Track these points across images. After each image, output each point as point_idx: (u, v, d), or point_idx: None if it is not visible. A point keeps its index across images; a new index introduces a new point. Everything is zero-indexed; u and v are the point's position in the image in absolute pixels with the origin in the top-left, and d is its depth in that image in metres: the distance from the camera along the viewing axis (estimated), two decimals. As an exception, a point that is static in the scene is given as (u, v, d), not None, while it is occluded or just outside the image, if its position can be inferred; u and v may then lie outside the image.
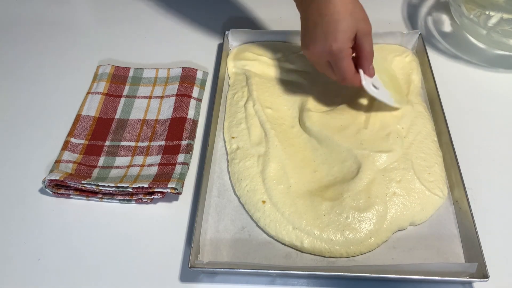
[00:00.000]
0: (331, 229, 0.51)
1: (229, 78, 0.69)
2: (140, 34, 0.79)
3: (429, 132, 0.60)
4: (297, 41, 0.72)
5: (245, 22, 0.79)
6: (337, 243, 0.50)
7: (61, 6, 0.85)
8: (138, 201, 0.56)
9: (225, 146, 0.61)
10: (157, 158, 0.59)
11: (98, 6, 0.85)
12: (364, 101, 0.64)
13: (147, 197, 0.55)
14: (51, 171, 0.57)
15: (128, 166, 0.59)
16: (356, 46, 0.55)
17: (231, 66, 0.70)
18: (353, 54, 0.56)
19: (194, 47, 0.76)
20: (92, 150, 0.61)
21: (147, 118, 0.64)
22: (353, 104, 0.63)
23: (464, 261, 0.50)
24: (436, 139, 0.60)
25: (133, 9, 0.84)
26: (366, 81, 0.57)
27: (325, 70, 0.57)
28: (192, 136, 0.62)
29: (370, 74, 0.58)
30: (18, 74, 0.73)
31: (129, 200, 0.56)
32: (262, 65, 0.69)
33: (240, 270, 0.48)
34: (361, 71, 0.57)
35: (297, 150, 0.59)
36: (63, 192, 0.56)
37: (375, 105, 0.62)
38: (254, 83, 0.66)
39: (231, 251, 0.51)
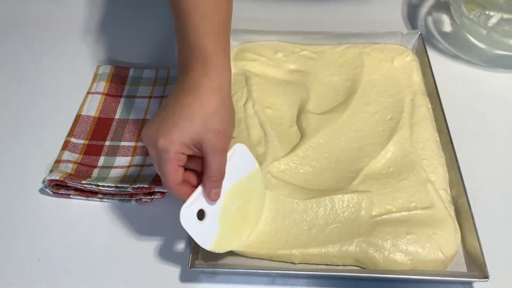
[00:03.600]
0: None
1: (229, 78, 0.69)
2: (140, 34, 0.79)
3: (431, 133, 0.60)
4: (297, 41, 0.72)
5: (245, 22, 0.79)
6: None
7: (61, 6, 0.85)
8: (138, 201, 0.56)
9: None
10: (157, 158, 0.59)
11: (98, 7, 0.85)
12: (365, 103, 0.64)
13: (147, 197, 0.55)
14: (51, 171, 0.57)
15: (128, 166, 0.59)
16: (203, 160, 0.44)
17: (230, 66, 0.70)
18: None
19: (194, 47, 0.76)
20: (92, 150, 0.61)
21: (147, 118, 0.64)
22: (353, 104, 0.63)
23: (464, 261, 0.50)
24: (438, 139, 0.60)
25: (133, 9, 0.84)
26: (189, 208, 0.44)
27: (153, 163, 0.45)
28: (192, 136, 0.62)
29: (210, 198, 0.45)
30: (18, 74, 0.73)
31: (129, 200, 0.56)
32: (262, 65, 0.69)
33: (240, 270, 0.48)
34: (197, 189, 0.45)
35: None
36: (63, 192, 0.56)
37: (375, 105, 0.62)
38: (254, 84, 0.66)
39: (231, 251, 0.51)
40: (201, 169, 0.45)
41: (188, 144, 0.43)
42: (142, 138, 0.45)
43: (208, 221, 0.46)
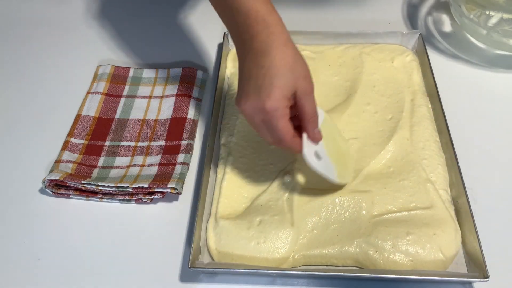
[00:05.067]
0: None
1: (229, 78, 0.69)
2: (140, 34, 0.79)
3: (431, 133, 0.60)
4: (297, 41, 0.72)
5: (245, 22, 0.79)
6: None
7: (61, 6, 0.85)
8: (138, 201, 0.56)
9: (220, 145, 0.61)
10: (157, 158, 0.59)
11: (98, 6, 0.85)
12: (365, 103, 0.64)
13: (147, 197, 0.55)
14: (51, 171, 0.57)
15: (128, 166, 0.59)
16: (296, 107, 0.48)
17: (230, 67, 0.70)
18: (296, 114, 0.49)
19: (194, 47, 0.76)
20: (92, 150, 0.61)
21: (147, 118, 0.64)
22: (353, 105, 0.63)
23: (464, 261, 0.50)
24: (438, 139, 0.60)
25: (133, 9, 0.84)
26: (307, 149, 0.48)
27: (261, 130, 0.48)
28: (192, 136, 0.62)
29: (315, 138, 0.49)
30: (18, 74, 0.73)
31: (129, 200, 0.56)
32: None
33: (240, 270, 0.48)
34: (304, 135, 0.49)
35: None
36: (63, 192, 0.56)
37: (374, 106, 0.62)
38: None
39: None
40: (297, 122, 0.49)
41: (289, 96, 0.46)
42: (244, 111, 0.48)
43: (323, 160, 0.50)
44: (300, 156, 0.57)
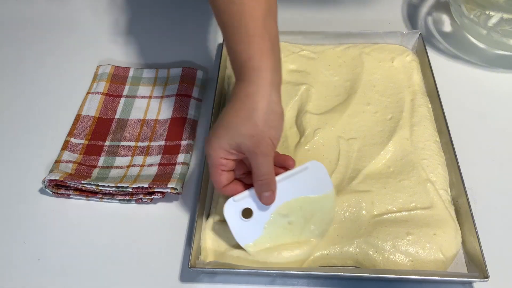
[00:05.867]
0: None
1: (229, 78, 0.69)
2: (140, 34, 0.79)
3: (431, 133, 0.60)
4: (297, 41, 0.72)
5: (245, 22, 0.79)
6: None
7: (61, 6, 0.85)
8: (138, 201, 0.56)
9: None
10: (157, 158, 0.59)
11: (98, 6, 0.85)
12: (365, 103, 0.64)
13: (147, 197, 0.55)
14: (51, 171, 0.57)
15: (128, 166, 0.59)
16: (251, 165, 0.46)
17: (230, 67, 0.70)
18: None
19: (194, 47, 0.76)
20: (92, 150, 0.61)
21: (147, 118, 0.64)
22: (353, 105, 0.63)
23: (464, 261, 0.50)
24: (438, 139, 0.60)
25: (133, 9, 0.84)
26: (236, 202, 0.47)
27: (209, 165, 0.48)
28: (192, 136, 0.62)
29: (262, 201, 0.47)
30: (18, 74, 0.73)
31: (129, 200, 0.56)
32: None
33: (240, 270, 0.48)
34: (251, 189, 0.47)
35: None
36: (63, 192, 0.56)
37: (374, 106, 0.62)
38: None
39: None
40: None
41: (227, 149, 0.45)
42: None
43: (253, 221, 0.48)
44: (299, 156, 0.57)
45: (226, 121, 0.45)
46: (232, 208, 0.47)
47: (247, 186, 0.48)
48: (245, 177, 0.49)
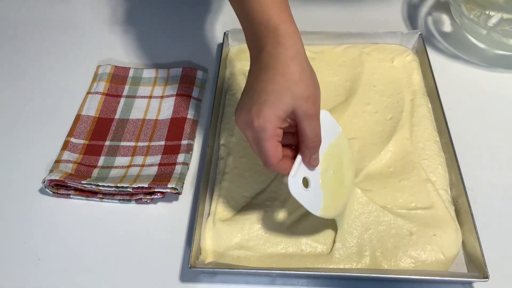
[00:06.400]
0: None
1: (229, 78, 0.69)
2: (140, 34, 0.79)
3: (431, 133, 0.60)
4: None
5: (245, 22, 0.79)
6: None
7: (61, 6, 0.85)
8: (138, 201, 0.56)
9: (220, 145, 0.61)
10: (157, 158, 0.59)
11: (98, 6, 0.85)
12: (365, 103, 0.64)
13: (147, 197, 0.55)
14: (51, 171, 0.57)
15: (128, 166, 0.59)
16: (297, 128, 0.44)
17: (230, 67, 0.70)
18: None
19: (194, 47, 0.76)
20: (92, 150, 0.61)
21: (147, 118, 0.64)
22: (353, 104, 0.63)
23: (464, 261, 0.50)
24: (438, 139, 0.60)
25: (133, 9, 0.84)
26: (294, 176, 0.44)
27: (252, 146, 0.45)
28: (192, 136, 0.62)
29: (311, 164, 0.46)
30: (18, 74, 0.73)
31: (129, 200, 0.56)
32: None
33: (240, 270, 0.48)
34: (298, 158, 0.45)
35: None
36: (63, 192, 0.56)
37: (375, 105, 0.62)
38: None
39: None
40: (296, 142, 0.45)
41: (283, 117, 0.43)
42: (237, 124, 0.45)
43: (312, 188, 0.46)
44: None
45: (274, 88, 0.42)
46: (294, 184, 0.45)
47: (291, 157, 0.46)
48: (285, 148, 0.46)
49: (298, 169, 0.45)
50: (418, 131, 0.60)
